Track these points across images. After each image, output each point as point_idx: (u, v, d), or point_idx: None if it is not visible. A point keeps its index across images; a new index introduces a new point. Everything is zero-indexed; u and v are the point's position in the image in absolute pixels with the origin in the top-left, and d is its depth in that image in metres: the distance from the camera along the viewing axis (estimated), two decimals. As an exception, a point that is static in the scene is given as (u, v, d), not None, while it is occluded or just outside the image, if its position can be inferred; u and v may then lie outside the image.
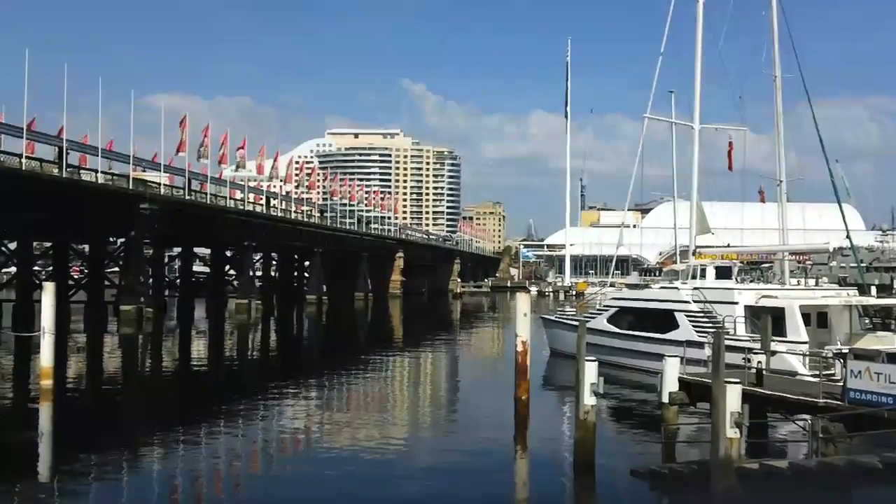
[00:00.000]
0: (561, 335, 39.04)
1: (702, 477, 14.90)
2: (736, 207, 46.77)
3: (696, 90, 38.48)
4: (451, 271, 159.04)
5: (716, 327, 27.25)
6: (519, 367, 21.97)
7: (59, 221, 58.20)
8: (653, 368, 25.23)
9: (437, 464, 18.65)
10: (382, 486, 16.45)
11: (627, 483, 16.13)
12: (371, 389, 31.62)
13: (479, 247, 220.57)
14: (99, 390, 31.01)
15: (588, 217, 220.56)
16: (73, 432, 22.01)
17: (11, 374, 34.47)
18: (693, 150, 39.01)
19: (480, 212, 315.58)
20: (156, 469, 18.07)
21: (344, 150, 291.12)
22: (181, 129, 67.42)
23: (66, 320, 50.36)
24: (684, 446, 18.90)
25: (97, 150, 60.32)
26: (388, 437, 21.69)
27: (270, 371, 38.58)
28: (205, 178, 74.87)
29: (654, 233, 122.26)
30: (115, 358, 43.44)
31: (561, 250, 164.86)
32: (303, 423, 23.53)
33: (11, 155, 51.97)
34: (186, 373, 37.03)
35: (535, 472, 17.93)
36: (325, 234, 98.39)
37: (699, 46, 38.01)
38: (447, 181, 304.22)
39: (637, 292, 38.91)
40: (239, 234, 76.77)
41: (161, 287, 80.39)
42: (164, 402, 28.19)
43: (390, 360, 41.51)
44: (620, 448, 19.80)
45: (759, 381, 18.35)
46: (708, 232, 39.44)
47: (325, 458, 18.98)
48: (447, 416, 26.34)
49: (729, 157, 42.48)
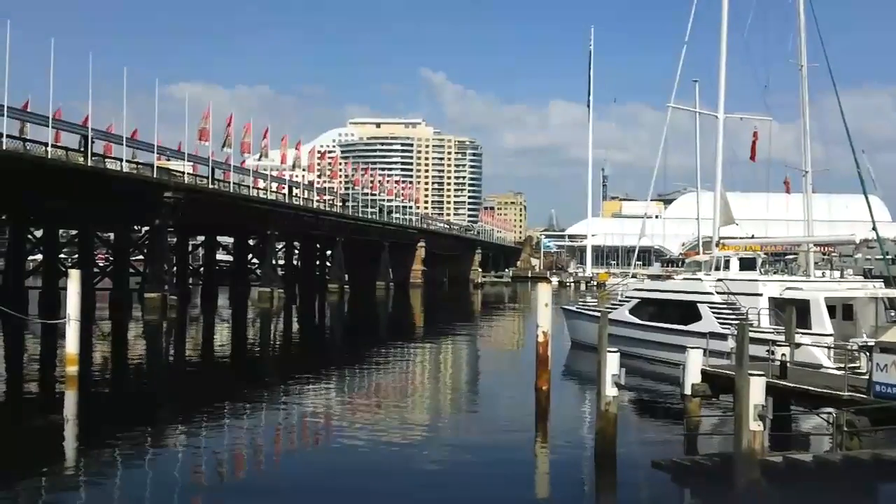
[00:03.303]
0: (582, 326, 38.92)
1: (724, 470, 14.82)
2: (761, 198, 46.13)
3: (721, 79, 38.08)
4: (473, 261, 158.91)
5: (739, 319, 27.06)
6: (540, 357, 21.96)
7: (84, 210, 58.78)
8: (675, 360, 25.09)
9: (457, 453, 18.68)
10: (403, 475, 16.51)
11: (649, 475, 16.05)
12: (392, 378, 31.73)
13: (500, 237, 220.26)
14: (124, 377, 31.35)
15: (610, 207, 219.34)
16: (98, 418, 22.32)
17: (38, 361, 34.97)
18: (717, 139, 38.66)
19: (502, 202, 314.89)
20: (180, 454, 18.24)
21: (366, 139, 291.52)
22: (204, 118, 67.79)
23: (91, 307, 50.93)
24: (706, 439, 18.84)
25: (122, 139, 60.82)
26: (408, 425, 21.76)
27: (292, 359, 38.85)
28: (228, 167, 75.28)
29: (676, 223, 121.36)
30: (139, 345, 43.92)
31: (582, 240, 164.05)
32: (324, 411, 23.67)
33: (38, 143, 52.52)
34: (210, 360, 37.36)
35: (556, 462, 17.91)
36: (346, 223, 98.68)
37: (724, 35, 37.58)
38: (468, 171, 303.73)
39: (659, 283, 38.68)
40: (262, 223, 77.18)
41: (185, 275, 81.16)
42: (188, 388, 28.48)
43: (411, 350, 41.61)
44: (642, 440, 19.70)
45: (783, 373, 18.21)
46: (732, 223, 39.07)
47: (346, 445, 19.07)
48: (467, 405, 26.37)
49: (753, 147, 42.02)
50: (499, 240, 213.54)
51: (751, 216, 48.13)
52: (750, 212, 47.67)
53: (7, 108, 48.99)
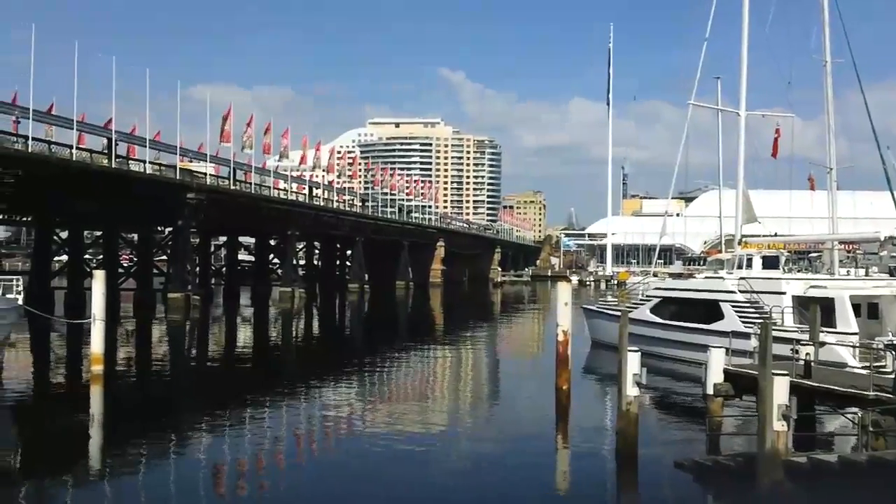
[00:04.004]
0: (603, 325, 38.78)
1: (747, 470, 14.73)
2: (783, 195, 45.78)
3: (743, 76, 37.79)
4: (492, 260, 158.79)
5: (763, 318, 26.85)
6: (560, 356, 21.93)
7: (108, 211, 59.44)
8: (697, 359, 24.94)
9: (477, 453, 18.71)
10: (423, 473, 16.57)
11: (671, 475, 15.98)
12: (412, 377, 31.81)
13: (519, 236, 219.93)
14: (148, 376, 31.67)
15: (630, 205, 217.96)
16: (122, 416, 22.58)
17: (64, 360, 35.42)
18: (739, 137, 38.37)
19: (521, 201, 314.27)
20: (203, 452, 18.42)
21: (385, 139, 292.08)
22: (225, 119, 68.28)
23: (115, 307, 51.48)
24: (729, 439, 18.72)
25: (145, 141, 61.45)
26: (428, 424, 21.81)
27: (314, 358, 39.07)
28: (249, 167, 75.78)
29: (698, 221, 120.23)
30: (163, 344, 44.34)
31: (602, 239, 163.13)
32: (345, 409, 23.77)
33: (63, 146, 53.16)
34: (232, 359, 37.66)
35: (577, 462, 17.89)
36: (366, 222, 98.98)
37: (745, 31, 37.29)
38: (488, 170, 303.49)
39: (681, 282, 38.46)
40: (282, 224, 77.63)
41: (207, 275, 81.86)
42: (211, 387, 28.72)
43: (431, 349, 41.68)
44: (663, 439, 19.62)
45: (807, 372, 18.05)
46: (754, 221, 38.77)
47: (366, 445, 19.13)
48: (488, 404, 26.38)
49: (775, 144, 41.73)
50: (518, 239, 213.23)
51: (774, 214, 47.73)
52: (773, 209, 47.30)
53: (33, 111, 49.66)
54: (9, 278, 30.09)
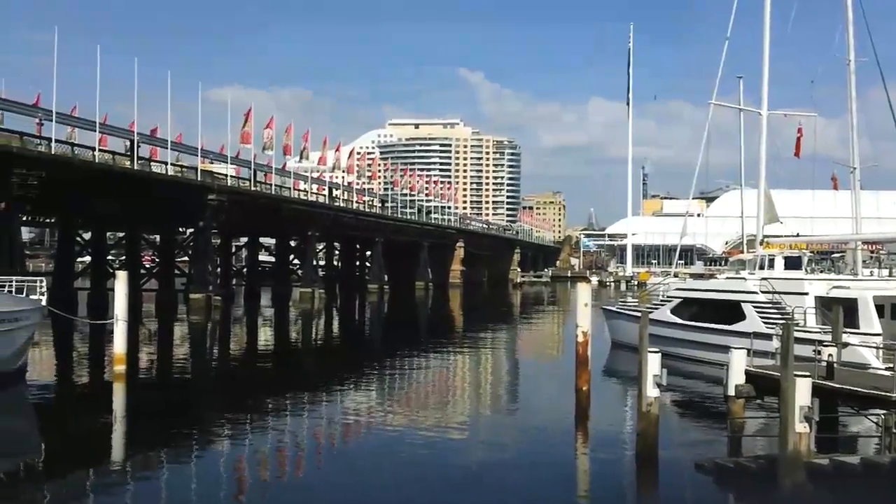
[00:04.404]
0: (623, 326, 38.61)
1: (769, 472, 14.63)
2: (806, 195, 45.37)
3: (765, 75, 37.49)
4: (511, 261, 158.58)
5: (785, 319, 26.64)
6: (579, 357, 21.83)
7: (131, 212, 60.01)
8: (718, 360, 24.80)
9: (496, 454, 18.71)
10: (442, 474, 16.58)
11: (691, 476, 15.89)
12: (431, 377, 31.84)
13: (538, 236, 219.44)
14: (170, 375, 31.93)
15: (651, 206, 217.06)
16: (144, 415, 22.77)
17: (87, 360, 35.80)
18: (761, 136, 38.07)
19: (540, 201, 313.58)
20: (224, 452, 18.54)
21: (404, 140, 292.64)
22: (246, 121, 68.73)
23: (138, 308, 51.95)
24: (751, 440, 18.60)
25: (167, 143, 62.01)
26: (448, 425, 21.82)
27: (334, 358, 39.21)
28: (269, 169, 76.23)
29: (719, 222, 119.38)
30: (184, 344, 44.68)
31: (622, 240, 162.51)
32: (364, 410, 23.84)
33: (85, 148, 53.75)
34: (253, 359, 37.90)
35: (596, 463, 17.82)
36: (386, 223, 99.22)
37: (767, 30, 37.02)
38: (507, 170, 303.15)
39: (702, 282, 38.22)
40: (302, 224, 78.02)
41: (228, 276, 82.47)
42: (232, 387, 28.91)
43: (450, 349, 41.70)
44: (684, 441, 19.48)
45: (829, 374, 17.89)
46: (776, 221, 38.45)
47: (386, 445, 19.20)
48: (507, 405, 26.38)
49: (797, 144, 41.37)
50: (538, 239, 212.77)
51: (796, 214, 47.34)
52: (795, 209, 46.88)
53: (56, 113, 50.25)
54: (33, 279, 30.38)
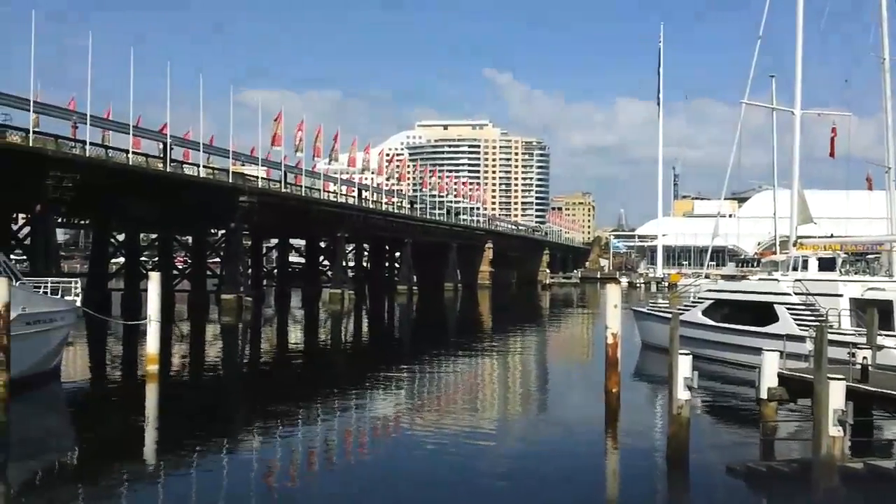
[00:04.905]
0: (653, 327, 38.35)
1: (802, 476, 14.48)
2: (840, 195, 44.74)
3: (798, 74, 37.03)
4: (540, 262, 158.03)
5: (818, 321, 26.30)
6: (609, 359, 21.71)
7: (163, 214, 60.80)
8: (750, 363, 24.54)
9: (525, 455, 18.68)
10: (471, 475, 16.57)
11: (723, 480, 15.75)
12: (460, 378, 31.86)
13: (568, 237, 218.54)
14: (201, 375, 32.31)
15: (681, 206, 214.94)
16: (176, 415, 23.07)
17: (120, 360, 36.32)
18: (794, 136, 37.60)
19: (569, 202, 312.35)
20: (255, 451, 18.71)
21: (433, 141, 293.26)
22: (276, 123, 69.30)
23: (170, 309, 52.59)
24: (783, 444, 18.38)
25: (199, 146, 62.72)
26: (477, 426, 21.83)
27: (363, 359, 39.39)
28: (300, 171, 76.78)
29: (751, 222, 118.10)
30: (216, 345, 45.17)
31: (653, 241, 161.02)
32: (394, 411, 23.94)
33: (119, 150, 54.59)
34: (283, 360, 38.19)
35: (626, 465, 17.70)
36: (415, 224, 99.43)
37: (800, 28, 36.56)
38: (536, 171, 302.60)
39: (734, 284, 37.84)
40: (332, 226, 78.45)
41: (259, 277, 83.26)
42: (263, 387, 29.15)
43: (479, 350, 41.69)
44: (715, 444, 19.29)
45: (864, 377, 17.65)
46: (810, 221, 37.97)
47: (415, 445, 19.25)
48: (536, 407, 26.31)
49: (831, 144, 40.76)
50: (567, 240, 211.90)
51: (830, 214, 46.71)
52: (829, 210, 46.24)
53: (90, 116, 51.09)
54: (67, 280, 30.88)
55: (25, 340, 23.59)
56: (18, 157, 43.36)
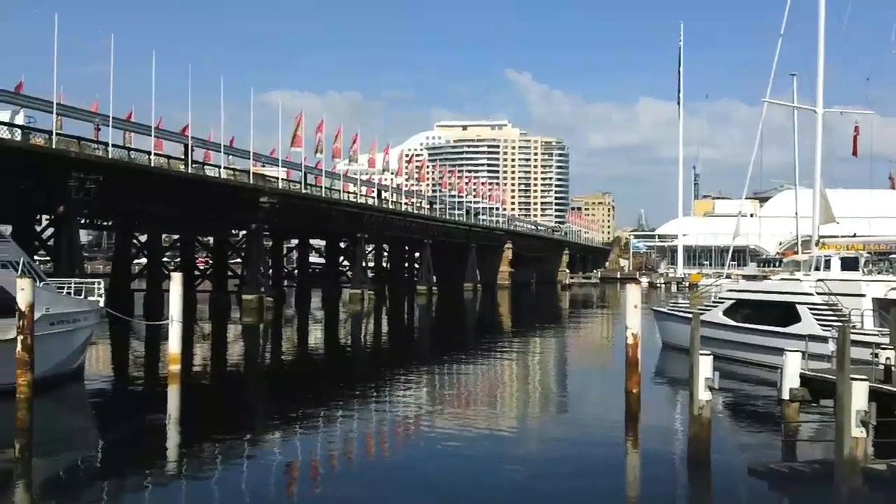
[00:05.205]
0: (674, 328, 38.16)
1: (825, 477, 14.36)
2: (863, 194, 44.36)
3: (819, 72, 36.70)
4: (560, 262, 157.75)
5: (841, 321, 26.05)
6: (630, 359, 21.64)
7: (185, 215, 61.29)
8: (772, 363, 24.36)
9: (545, 455, 18.66)
10: (491, 476, 16.57)
11: (745, 481, 15.65)
12: (480, 379, 31.86)
13: (587, 237, 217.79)
14: (223, 375, 32.53)
15: (702, 206, 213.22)
16: (198, 414, 23.26)
17: (142, 360, 36.66)
18: (816, 135, 37.27)
19: (589, 202, 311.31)
20: (276, 451, 18.80)
21: (452, 142, 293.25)
22: (297, 125, 69.60)
23: (192, 309, 52.99)
24: (805, 445, 18.24)
25: (220, 147, 63.14)
26: (497, 426, 21.82)
27: (383, 359, 39.49)
28: (320, 172, 77.09)
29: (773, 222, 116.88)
30: (237, 345, 45.46)
31: (673, 240, 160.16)
32: (414, 410, 24.00)
33: (141, 152, 55.08)
34: (304, 360, 38.35)
35: (647, 466, 17.64)
36: (434, 225, 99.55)
37: (822, 26, 36.24)
38: (555, 171, 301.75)
39: (755, 284, 37.54)
40: (352, 226, 78.71)
41: (280, 277, 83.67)
42: (284, 387, 29.30)
43: (499, 350, 41.67)
44: (737, 445, 19.19)
45: (887, 377, 17.48)
46: (832, 221, 37.60)
47: (435, 444, 19.29)
48: (556, 407, 26.26)
49: (854, 143, 40.40)
50: (586, 240, 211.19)
51: (852, 213, 46.25)
52: (852, 209, 45.80)
53: (112, 118, 51.60)
54: (91, 281, 31.18)
55: (49, 341, 23.84)
56: (42, 158, 43.88)
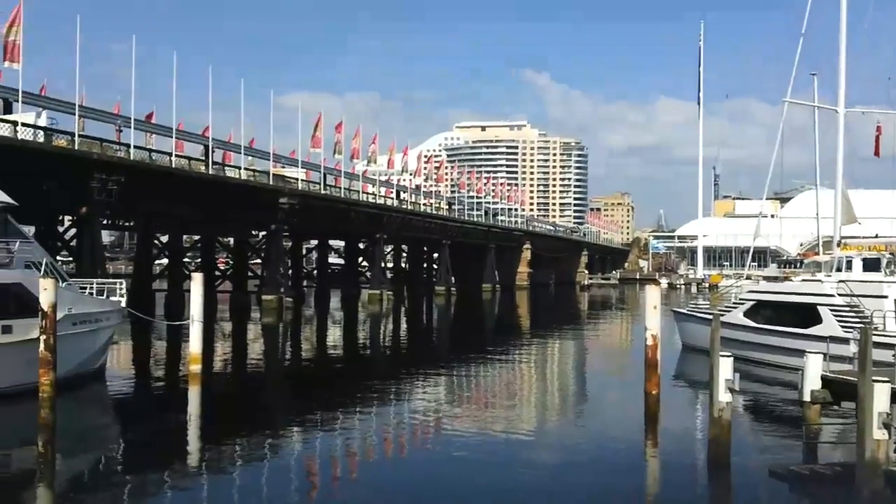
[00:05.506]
0: (693, 329, 37.97)
1: (846, 479, 14.27)
2: (885, 195, 43.85)
3: (841, 71, 36.38)
4: (579, 263, 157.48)
5: (863, 322, 25.83)
6: (649, 360, 21.56)
7: (206, 215, 61.76)
8: (793, 365, 24.19)
9: (564, 458, 18.62)
10: (510, 477, 16.57)
11: (765, 483, 15.56)
12: (498, 380, 31.87)
13: (606, 238, 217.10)
14: (243, 375, 32.76)
15: (722, 207, 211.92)
16: (219, 414, 23.45)
17: (163, 360, 36.98)
18: (838, 135, 36.96)
19: (608, 203, 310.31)
20: (296, 451, 18.91)
21: (471, 143, 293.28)
22: (316, 126, 69.95)
23: (212, 309, 53.37)
24: (827, 447, 18.11)
25: (240, 148, 63.57)
26: (515, 428, 21.80)
27: (402, 360, 39.57)
28: (339, 173, 77.42)
29: (794, 223, 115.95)
30: (257, 345, 45.72)
31: (693, 241, 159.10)
32: (432, 411, 24.03)
33: (162, 153, 55.58)
34: (323, 360, 38.53)
35: (667, 468, 17.58)
36: (453, 226, 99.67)
37: (843, 25, 35.93)
38: (574, 172, 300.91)
39: (776, 285, 37.29)
40: (371, 227, 78.97)
41: (299, 278, 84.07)
42: (303, 387, 29.46)
43: (517, 351, 41.64)
44: (757, 447, 19.03)
45: (910, 379, 17.28)
46: (854, 221, 37.28)
47: (453, 447, 19.27)
48: (575, 409, 26.20)
49: (876, 142, 39.99)
50: (605, 241, 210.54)
51: (874, 214, 45.79)
52: (874, 210, 45.36)
53: (134, 120, 52.09)
54: (113, 281, 31.50)
55: (72, 341, 24.11)
56: (65, 160, 44.40)
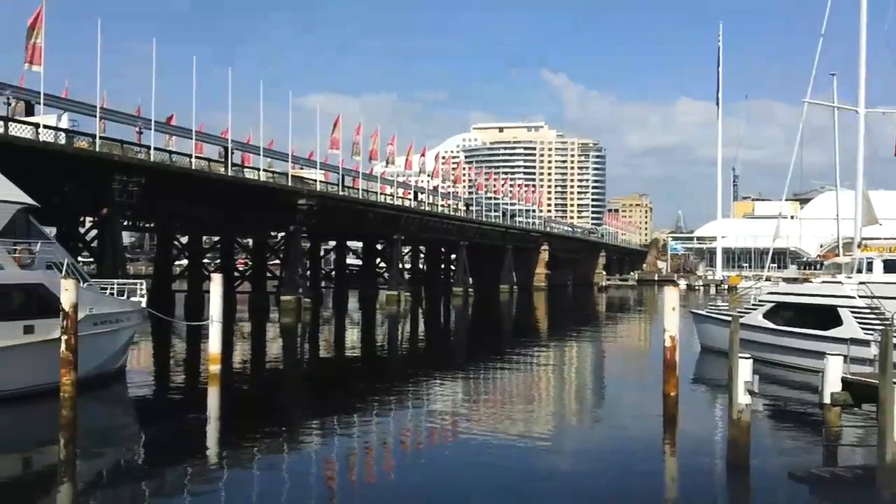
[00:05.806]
0: (712, 331, 37.79)
1: (867, 482, 14.19)
2: (907, 196, 43.60)
3: (861, 72, 36.11)
4: (597, 264, 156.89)
5: (884, 324, 25.61)
6: (667, 362, 21.49)
7: (225, 216, 62.16)
8: (813, 367, 24.04)
9: (582, 459, 18.63)
10: (528, 480, 16.60)
11: (785, 486, 15.49)
12: (516, 381, 31.86)
13: (624, 239, 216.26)
14: (262, 375, 32.93)
15: (741, 208, 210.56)
16: (238, 414, 23.59)
17: (183, 360, 37.27)
18: (858, 135, 36.67)
19: (626, 204, 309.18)
20: (314, 451, 19.02)
21: (489, 144, 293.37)
22: (334, 127, 70.20)
23: (232, 310, 53.69)
24: (847, 450, 18.00)
25: (259, 150, 63.93)
26: (533, 430, 21.80)
27: (419, 360, 39.64)
28: (357, 174, 77.67)
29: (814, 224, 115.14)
30: (276, 345, 45.98)
31: (712, 242, 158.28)
32: (450, 413, 24.07)
33: (182, 155, 55.99)
34: (342, 360, 38.68)
35: (685, 470, 17.51)
36: (470, 227, 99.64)
37: (863, 25, 35.64)
38: (592, 173, 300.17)
39: (796, 286, 37.07)
40: (389, 228, 79.13)
41: (318, 279, 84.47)
42: (322, 387, 29.59)
43: (535, 352, 41.61)
44: (777, 449, 18.95)
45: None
46: (875, 223, 37.00)
47: (472, 446, 19.32)
48: (593, 410, 26.19)
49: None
50: (623, 242, 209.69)
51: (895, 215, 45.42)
52: (894, 210, 44.91)
53: (154, 122, 52.51)
54: (133, 282, 31.76)
55: (93, 341, 24.34)
56: (86, 161, 44.83)
